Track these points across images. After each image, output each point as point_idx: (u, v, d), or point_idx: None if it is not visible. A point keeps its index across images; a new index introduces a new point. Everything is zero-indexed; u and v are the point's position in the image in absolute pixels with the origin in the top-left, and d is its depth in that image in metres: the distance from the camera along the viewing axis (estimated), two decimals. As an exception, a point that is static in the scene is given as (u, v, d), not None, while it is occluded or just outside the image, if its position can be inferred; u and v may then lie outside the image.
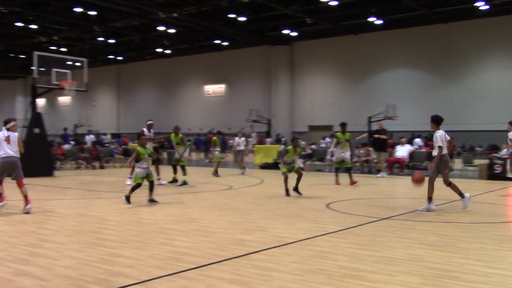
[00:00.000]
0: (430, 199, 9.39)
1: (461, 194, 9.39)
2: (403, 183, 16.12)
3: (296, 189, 12.01)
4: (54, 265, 5.43)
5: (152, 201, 10.50)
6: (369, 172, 19.90)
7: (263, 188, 14.15)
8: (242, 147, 20.18)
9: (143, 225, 7.93)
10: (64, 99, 56.82)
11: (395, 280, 4.93)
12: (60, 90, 19.07)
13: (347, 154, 14.96)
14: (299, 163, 12.21)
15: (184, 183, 14.29)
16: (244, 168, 19.65)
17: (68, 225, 7.92)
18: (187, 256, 5.84)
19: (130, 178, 14.06)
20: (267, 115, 39.87)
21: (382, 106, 32.07)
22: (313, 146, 25.05)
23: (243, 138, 20.66)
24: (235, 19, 32.40)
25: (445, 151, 9.33)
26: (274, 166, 23.04)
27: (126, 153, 24.49)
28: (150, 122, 15.31)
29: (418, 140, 24.96)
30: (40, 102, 50.86)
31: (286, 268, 5.31)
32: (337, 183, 14.81)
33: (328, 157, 21.23)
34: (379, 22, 31.96)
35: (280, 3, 29.96)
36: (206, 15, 32.68)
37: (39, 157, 17.62)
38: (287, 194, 11.89)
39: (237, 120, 41.33)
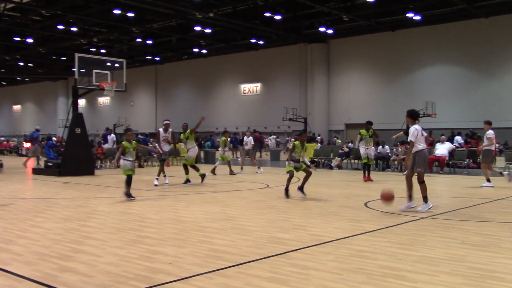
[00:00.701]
0: (410, 197, 8.98)
1: (425, 198, 8.89)
2: (443, 181, 15.80)
3: (301, 188, 11.21)
4: (97, 261, 5.56)
5: (127, 194, 10.98)
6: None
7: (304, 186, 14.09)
8: (249, 146, 20.37)
9: (181, 223, 8.03)
10: (103, 100, 58.12)
11: (437, 280, 4.84)
12: (100, 91, 19.48)
13: (371, 151, 15.33)
14: (307, 160, 11.32)
15: (187, 180, 14.33)
16: (258, 167, 19.83)
17: (109, 222, 8.09)
18: (226, 254, 5.88)
19: (157, 179, 14.21)
20: (303, 114, 39.73)
21: (421, 103, 31.54)
22: (350, 145, 24.80)
23: (250, 137, 20.81)
24: (271, 17, 32.41)
25: (421, 147, 8.89)
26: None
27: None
28: (167, 122, 14.93)
29: (458, 138, 24.41)
30: (81, 102, 52.18)
31: (324, 267, 5.28)
32: (367, 179, 15.25)
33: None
34: (417, 18, 31.39)
35: (316, 1, 29.80)
36: (242, 14, 32.82)
37: (80, 156, 18.08)
38: (287, 195, 11.06)
39: (273, 118, 41.37)
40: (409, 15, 31.03)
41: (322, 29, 34.82)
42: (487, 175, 13.79)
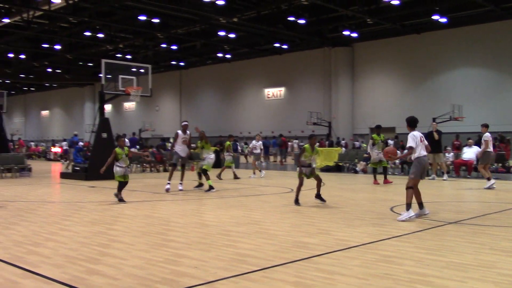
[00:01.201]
0: (409, 205, 8.56)
1: (409, 205, 8.52)
2: (471, 186, 15.53)
3: (318, 196, 10.83)
4: (123, 264, 5.61)
5: (119, 198, 11.25)
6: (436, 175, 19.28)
7: (324, 191, 14.03)
8: (258, 151, 20.41)
9: (206, 227, 8.06)
10: (129, 105, 58.81)
11: (466, 286, 4.75)
12: (126, 96, 19.72)
13: (382, 155, 15.34)
14: (314, 164, 10.81)
15: (210, 187, 13.68)
16: (260, 170, 19.85)
17: (135, 226, 8.18)
18: (251, 258, 5.88)
19: (180, 183, 13.99)
20: (327, 118, 39.55)
21: (447, 106, 31.09)
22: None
23: (260, 142, 20.81)
24: (294, 22, 32.39)
25: (420, 153, 8.64)
26: (335, 169, 22.85)
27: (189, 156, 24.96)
28: (185, 123, 14.56)
29: (486, 142, 23.91)
30: (107, 107, 52.91)
31: (350, 272, 5.24)
32: (376, 183, 15.45)
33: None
34: (443, 20, 30.97)
35: (340, 5, 29.68)
36: (266, 18, 32.88)
37: (107, 161, 18.27)
38: (297, 202, 10.65)
39: (297, 122, 41.27)
40: (435, 17, 30.63)
41: (346, 32, 34.64)
42: (487, 175, 14.33)
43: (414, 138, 8.72)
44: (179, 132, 14.14)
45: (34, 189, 15.02)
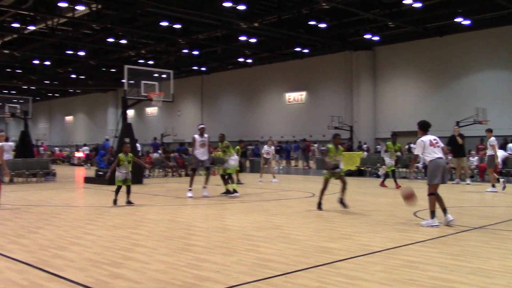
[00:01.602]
0: (433, 212, 8.31)
1: (433, 212, 8.29)
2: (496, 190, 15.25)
3: (341, 201, 10.48)
4: (146, 268, 5.66)
5: (129, 203, 11.68)
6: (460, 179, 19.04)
7: (346, 195, 13.93)
8: (269, 156, 20.39)
9: (228, 231, 8.07)
10: (151, 110, 59.33)
11: (492, 293, 4.67)
12: (148, 101, 19.91)
13: (393, 162, 16.19)
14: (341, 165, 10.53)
15: (234, 191, 13.51)
16: (273, 177, 19.88)
17: (158, 230, 8.23)
18: (273, 263, 5.87)
19: (205, 188, 13.50)
20: (348, 122, 39.33)
21: (471, 110, 30.64)
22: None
23: (272, 147, 20.78)
24: (315, 26, 32.31)
25: (431, 157, 8.38)
26: (357, 173, 22.69)
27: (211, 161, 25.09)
28: (202, 126, 14.07)
29: (511, 145, 23.56)
30: (130, 113, 53.41)
31: (373, 277, 5.19)
32: (383, 185, 16.03)
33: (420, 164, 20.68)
34: (467, 22, 30.55)
35: (361, 8, 29.53)
36: (287, 23, 32.88)
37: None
38: (319, 207, 10.41)
39: (318, 127, 41.12)
40: (458, 19, 30.22)
41: (367, 36, 34.43)
42: (493, 180, 14.62)
43: (421, 144, 8.58)
44: (196, 136, 13.78)
45: (59, 193, 15.24)
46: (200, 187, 13.82)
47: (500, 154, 18.61)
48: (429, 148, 8.48)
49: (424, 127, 8.82)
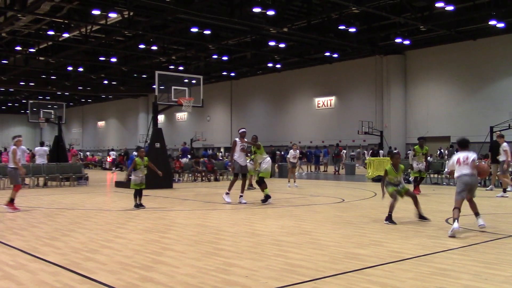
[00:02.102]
0: (455, 219, 8.03)
1: (455, 219, 8.03)
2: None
3: (420, 215, 9.71)
4: (175, 272, 5.70)
5: (139, 205, 12.10)
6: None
7: (376, 201, 13.80)
8: (295, 160, 20.16)
9: (257, 236, 8.07)
10: (181, 115, 59.96)
11: (527, 302, 4.54)
12: (178, 106, 20.10)
13: (422, 166, 15.97)
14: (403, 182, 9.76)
15: (267, 197, 12.96)
16: (294, 181, 19.66)
17: (187, 234, 8.29)
18: (301, 268, 5.84)
19: (241, 196, 13.15)
20: (379, 127, 38.93)
21: (505, 114, 29.97)
22: (429, 159, 23.96)
23: (297, 151, 20.59)
24: (345, 30, 32.18)
25: (461, 173, 8.30)
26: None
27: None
28: (243, 130, 13.57)
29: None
30: (160, 118, 54.13)
31: (404, 285, 5.11)
32: (417, 191, 15.30)
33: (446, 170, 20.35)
34: (501, 25, 29.94)
35: (392, 12, 29.26)
36: (316, 28, 32.83)
37: (160, 170, 18.64)
38: (390, 220, 9.29)
39: (347, 132, 40.86)
40: (492, 22, 29.67)
41: (398, 40, 34.09)
42: (506, 183, 15.19)
43: (450, 162, 8.88)
44: (237, 139, 13.23)
45: (91, 197, 15.51)
46: (237, 193, 13.36)
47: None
48: (456, 165, 8.50)
49: (461, 144, 8.80)
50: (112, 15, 29.59)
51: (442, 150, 34.61)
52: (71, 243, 7.51)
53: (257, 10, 27.53)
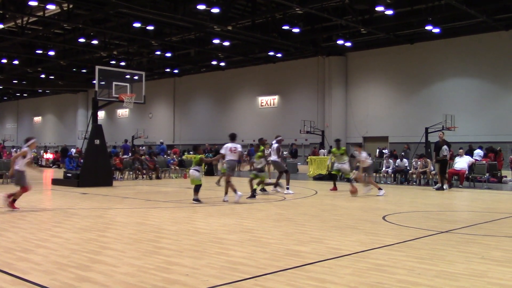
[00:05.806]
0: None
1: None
2: (462, 195, 15.60)
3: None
4: (114, 271, 5.58)
5: (197, 200, 12.55)
6: (427, 184, 19.40)
7: (317, 199, 14.06)
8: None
9: (198, 234, 8.04)
10: (122, 112, 58.69)
11: (457, 295, 4.76)
12: (119, 103, 19.69)
13: (345, 166, 16.54)
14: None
15: (253, 194, 14.09)
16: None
17: (127, 233, 8.14)
18: (242, 266, 5.86)
19: (287, 188, 15.10)
20: (320, 126, 39.65)
21: (439, 116, 31.28)
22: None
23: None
24: (289, 30, 32.53)
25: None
26: (327, 177, 22.83)
27: (181, 164, 24.98)
28: (279, 138, 16.04)
29: (479, 151, 24.09)
30: (100, 114, 52.81)
31: (342, 281, 5.24)
32: (333, 189, 16.84)
33: (384, 169, 21.06)
34: (436, 30, 31.21)
35: (334, 14, 29.86)
36: (260, 27, 33.02)
37: (99, 167, 18.23)
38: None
39: (290, 131, 41.34)
40: (428, 27, 30.86)
41: (340, 42, 34.84)
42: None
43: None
44: (278, 145, 15.55)
45: (25, 195, 14.90)
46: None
47: (467, 160, 19.02)
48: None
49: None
50: (51, 6, 28.52)
51: (384, 150, 35.49)
52: (3, 243, 7.20)
53: (201, 7, 27.34)
